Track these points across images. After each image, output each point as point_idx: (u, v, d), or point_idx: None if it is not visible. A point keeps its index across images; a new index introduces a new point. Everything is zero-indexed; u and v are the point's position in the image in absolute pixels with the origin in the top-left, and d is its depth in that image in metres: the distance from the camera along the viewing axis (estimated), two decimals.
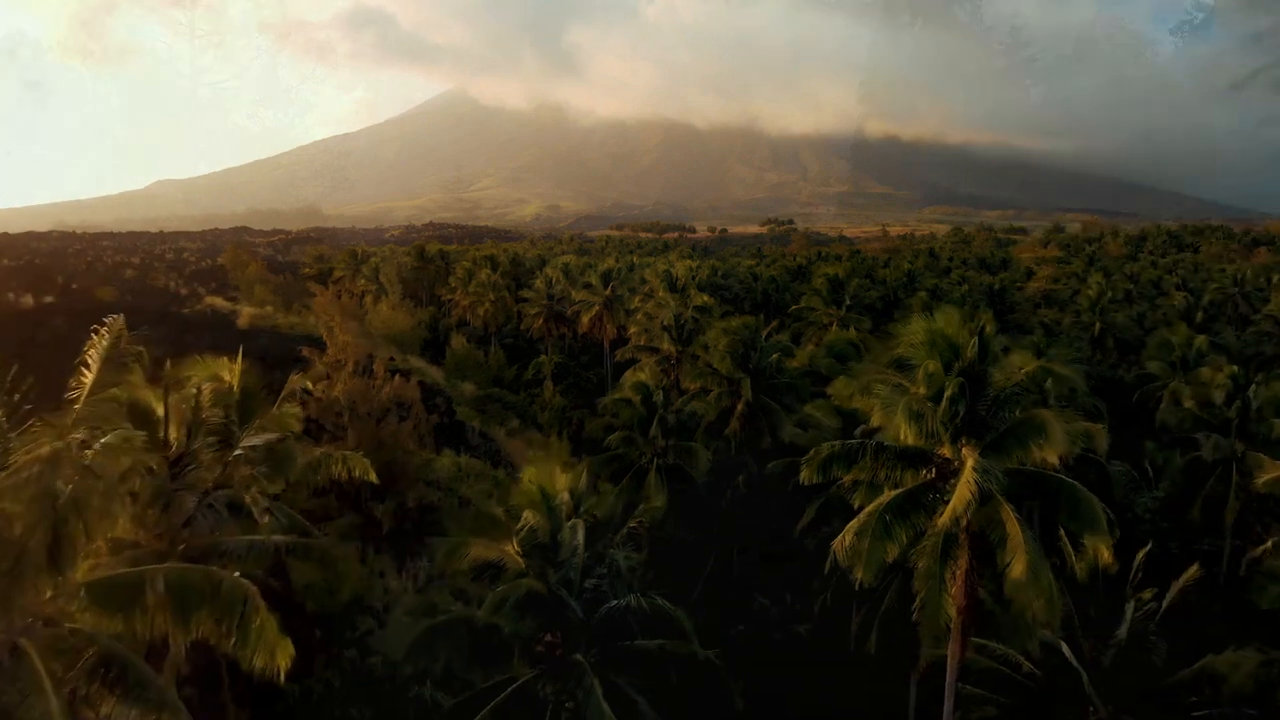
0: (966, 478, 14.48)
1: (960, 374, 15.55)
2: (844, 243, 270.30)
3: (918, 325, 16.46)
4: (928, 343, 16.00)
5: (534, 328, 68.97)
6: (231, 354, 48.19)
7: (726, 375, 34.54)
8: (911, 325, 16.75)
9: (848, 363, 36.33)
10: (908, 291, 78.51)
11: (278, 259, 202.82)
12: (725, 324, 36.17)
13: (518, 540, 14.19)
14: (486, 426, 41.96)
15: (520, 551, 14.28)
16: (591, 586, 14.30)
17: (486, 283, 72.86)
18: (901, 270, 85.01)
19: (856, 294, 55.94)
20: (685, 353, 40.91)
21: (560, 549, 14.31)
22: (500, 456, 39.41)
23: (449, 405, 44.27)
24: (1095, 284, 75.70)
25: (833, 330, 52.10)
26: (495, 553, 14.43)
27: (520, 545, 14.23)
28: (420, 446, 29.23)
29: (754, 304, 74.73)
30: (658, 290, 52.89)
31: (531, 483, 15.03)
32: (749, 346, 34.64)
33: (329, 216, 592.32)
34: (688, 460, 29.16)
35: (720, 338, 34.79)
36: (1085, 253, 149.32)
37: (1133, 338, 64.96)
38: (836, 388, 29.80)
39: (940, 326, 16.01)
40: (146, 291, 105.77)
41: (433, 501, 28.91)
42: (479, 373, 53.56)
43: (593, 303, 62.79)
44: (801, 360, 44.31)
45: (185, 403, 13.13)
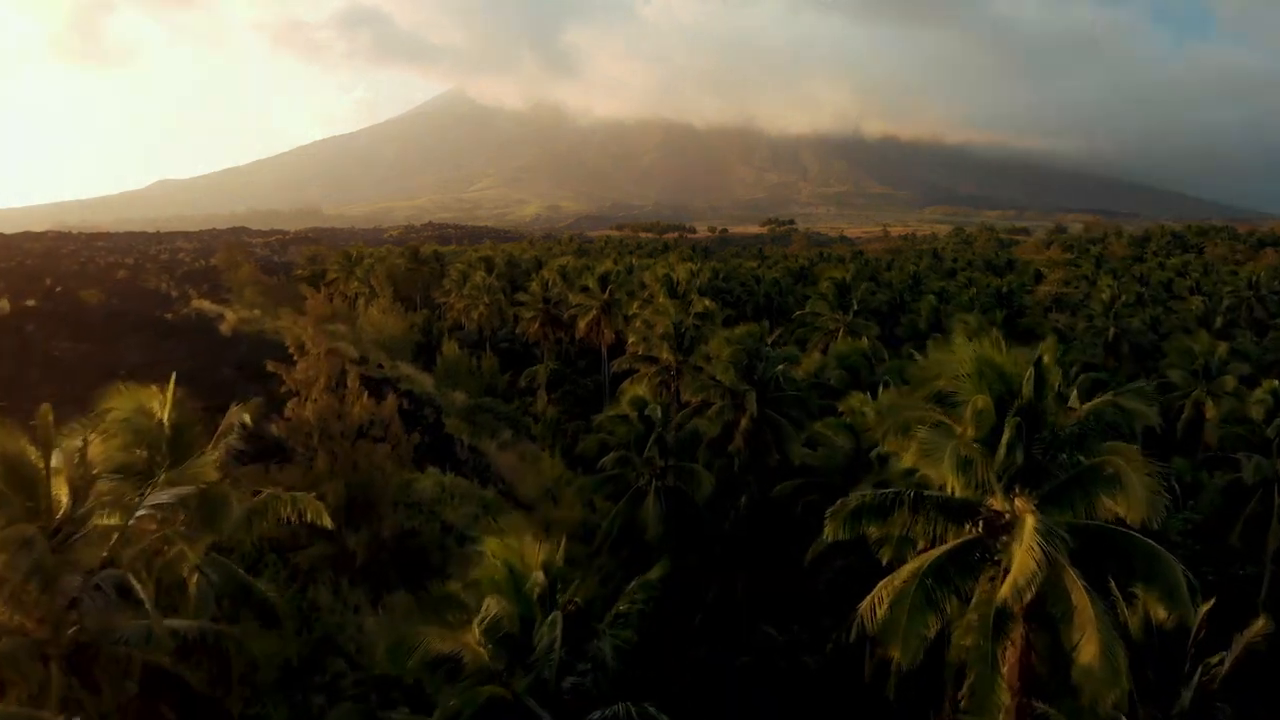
0: (1028, 542, 12.23)
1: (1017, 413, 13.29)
2: (845, 243, 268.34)
3: (963, 352, 14.19)
4: (975, 374, 13.75)
5: (530, 332, 66.90)
6: (210, 361, 45.63)
7: (730, 387, 32.43)
8: (956, 352, 14.49)
9: (859, 373, 34.23)
10: (914, 294, 76.46)
11: (274, 259, 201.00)
12: (729, 333, 34.07)
13: (480, 629, 12.01)
14: (476, 440, 39.86)
15: (483, 642, 12.09)
16: (570, 687, 12.04)
17: (481, 286, 70.78)
18: (907, 273, 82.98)
19: (864, 298, 53.85)
20: (686, 363, 38.80)
21: (532, 643, 12.07)
22: (490, 472, 37.34)
23: (438, 416, 42.21)
24: (1107, 287, 73.65)
25: (841, 338, 49.98)
26: (453, 644, 12.21)
27: (483, 636, 12.03)
28: (401, 466, 27.18)
29: (756, 307, 72.64)
30: (657, 296, 50.69)
31: (496, 558, 12.79)
32: (754, 357, 32.54)
33: (329, 217, 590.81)
34: (688, 482, 27.05)
35: (723, 347, 32.69)
36: (1092, 254, 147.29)
37: (1147, 343, 62.88)
38: (850, 404, 27.86)
39: (990, 354, 13.77)
40: (135, 294, 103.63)
41: (414, 526, 26.86)
42: (471, 381, 51.48)
43: (590, 307, 60.70)
44: (809, 369, 42.22)
45: (75, 456, 11.01)
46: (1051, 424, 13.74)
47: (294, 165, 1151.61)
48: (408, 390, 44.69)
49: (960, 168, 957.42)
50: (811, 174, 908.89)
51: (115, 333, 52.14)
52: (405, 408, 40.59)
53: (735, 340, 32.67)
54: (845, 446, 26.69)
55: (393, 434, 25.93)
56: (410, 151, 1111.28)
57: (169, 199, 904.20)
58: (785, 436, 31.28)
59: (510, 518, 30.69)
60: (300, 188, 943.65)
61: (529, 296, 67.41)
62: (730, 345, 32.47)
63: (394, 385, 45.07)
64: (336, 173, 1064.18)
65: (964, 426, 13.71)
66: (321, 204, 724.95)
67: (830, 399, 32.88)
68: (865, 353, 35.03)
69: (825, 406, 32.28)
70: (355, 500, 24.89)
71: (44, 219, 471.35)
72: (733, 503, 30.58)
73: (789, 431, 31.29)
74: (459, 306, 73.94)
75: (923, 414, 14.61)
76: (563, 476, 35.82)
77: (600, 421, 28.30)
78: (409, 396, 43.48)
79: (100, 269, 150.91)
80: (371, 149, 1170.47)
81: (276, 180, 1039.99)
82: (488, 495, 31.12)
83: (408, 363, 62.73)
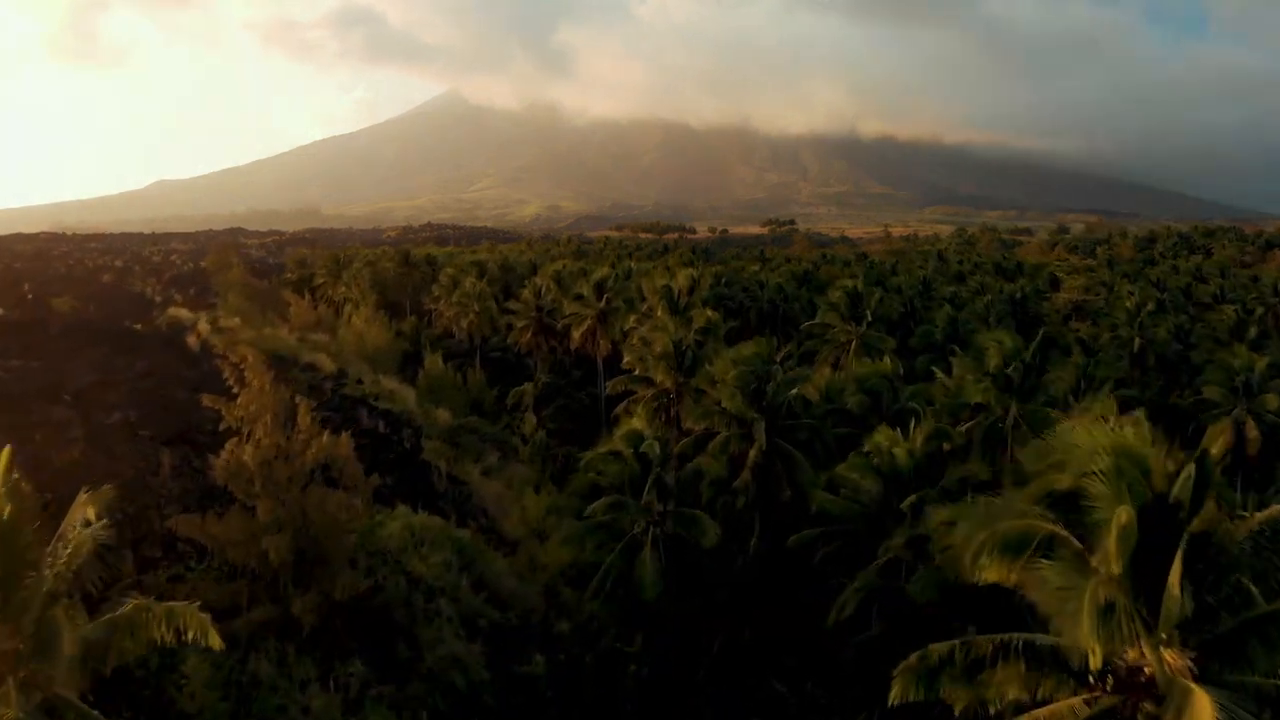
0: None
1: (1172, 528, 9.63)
2: (846, 244, 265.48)
3: (1091, 437, 10.39)
4: (1112, 472, 10.07)
5: (521, 342, 63.46)
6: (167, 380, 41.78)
7: (736, 415, 29.04)
8: (1076, 432, 10.77)
9: (880, 398, 30.70)
10: (924, 301, 73.07)
11: (268, 261, 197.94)
12: (735, 352, 30.66)
13: None
14: (458, 466, 36.43)
15: None
16: None
17: (471, 293, 67.30)
18: (916, 278, 79.49)
19: (877, 308, 50.45)
20: (687, 385, 35.32)
21: None
22: (471, 504, 33.92)
23: (417, 439, 38.76)
24: (1126, 292, 70.25)
25: (853, 352, 46.56)
26: None
27: None
28: (360, 512, 23.77)
29: (760, 314, 69.21)
30: (656, 308, 47.05)
31: None
32: (763, 380, 29.12)
33: (328, 217, 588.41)
34: (691, 529, 23.54)
35: (729, 369, 29.29)
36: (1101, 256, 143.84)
37: (1172, 354, 59.46)
38: (876, 441, 24.47)
39: (1130, 444, 10.10)
40: (114, 299, 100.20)
41: (377, 580, 23.52)
42: (456, 396, 48.06)
43: (585, 316, 57.31)
44: (820, 385, 38.81)
45: None
46: (1218, 543, 10.08)
47: (294, 165, 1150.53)
48: (384, 410, 41.29)
49: (960, 168, 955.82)
50: (811, 174, 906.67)
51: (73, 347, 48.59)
52: (380, 431, 37.22)
53: (742, 361, 29.26)
54: (872, 490, 23.29)
55: (349, 476, 22.55)
56: (410, 152, 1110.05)
57: (168, 199, 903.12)
58: (798, 470, 27.88)
59: (489, 561, 27.28)
60: (300, 188, 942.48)
61: (520, 305, 63.95)
62: (736, 367, 29.05)
63: (369, 404, 41.72)
64: (336, 173, 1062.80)
65: (1101, 554, 10.06)
66: (321, 204, 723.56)
67: (849, 426, 29.52)
68: (888, 375, 31.55)
69: (844, 436, 28.90)
70: (304, 555, 21.56)
71: (43, 219, 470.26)
72: (740, 544, 27.18)
73: (802, 464, 27.88)
74: (448, 314, 70.52)
75: (1033, 525, 10.89)
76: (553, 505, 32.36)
77: (590, 460, 24.85)
78: (385, 417, 40.10)
79: (87, 272, 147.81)
80: (371, 149, 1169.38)
81: (276, 180, 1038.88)
82: (464, 537, 27.67)
83: (392, 375, 59.31)
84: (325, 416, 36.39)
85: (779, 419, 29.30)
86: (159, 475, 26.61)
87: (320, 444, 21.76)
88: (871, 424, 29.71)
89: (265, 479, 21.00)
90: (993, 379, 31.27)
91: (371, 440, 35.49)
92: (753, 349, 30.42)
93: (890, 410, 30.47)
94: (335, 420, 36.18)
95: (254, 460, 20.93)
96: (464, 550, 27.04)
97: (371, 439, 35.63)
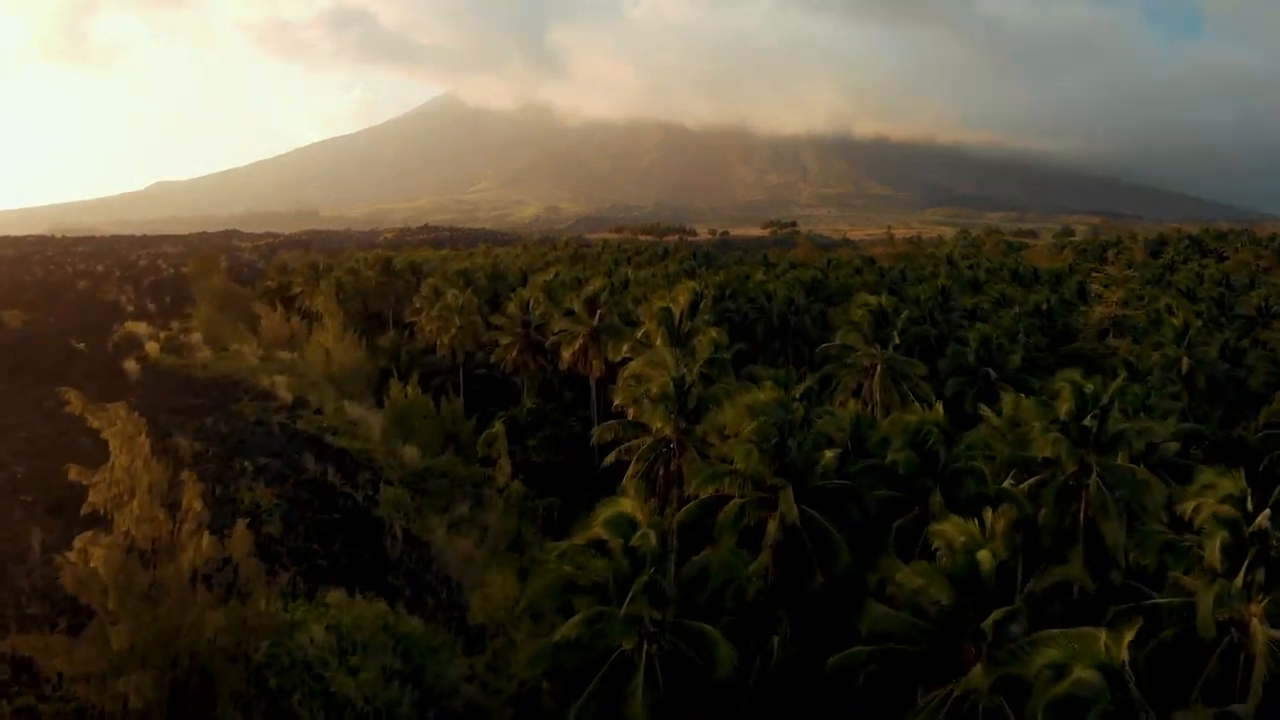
0: None
1: None
2: (849, 246, 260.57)
3: None
4: None
5: (507, 360, 57.98)
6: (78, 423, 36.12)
7: (752, 476, 23.59)
8: None
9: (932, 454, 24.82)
10: (944, 312, 67.56)
11: (258, 265, 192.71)
12: (750, 396, 25.13)
13: None
14: (419, 521, 30.95)
15: None
16: None
17: (454, 305, 61.76)
18: (935, 288, 73.98)
19: (905, 328, 44.77)
20: (690, 434, 29.79)
21: None
22: (432, 572, 28.48)
23: (375, 485, 33.27)
24: (1165, 305, 64.86)
25: (879, 378, 41.10)
26: None
27: None
28: (271, 614, 18.34)
29: (769, 330, 63.66)
30: (653, 335, 41.20)
31: None
32: (785, 431, 23.63)
33: (327, 218, 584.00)
34: (697, 649, 17.92)
35: (743, 420, 23.84)
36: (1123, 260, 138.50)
37: (1222, 375, 53.95)
38: (945, 534, 19.02)
39: None
40: (83, 308, 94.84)
41: (287, 707, 18.14)
42: (428, 428, 42.59)
43: (576, 334, 51.88)
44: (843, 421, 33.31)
45: None
46: None
47: (293, 166, 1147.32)
48: (339, 450, 35.83)
49: (960, 168, 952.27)
50: (811, 175, 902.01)
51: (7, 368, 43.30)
52: (327, 480, 31.73)
53: (759, 408, 23.73)
54: (941, 601, 17.83)
55: (245, 579, 17.04)
56: (409, 153, 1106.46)
57: (168, 201, 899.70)
58: (833, 549, 22.41)
59: (443, 664, 21.78)
60: (299, 189, 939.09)
61: (506, 319, 58.44)
62: (754, 418, 23.54)
63: (322, 442, 36.26)
64: (336, 174, 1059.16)
65: None
66: (320, 206, 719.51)
67: (893, 487, 24.09)
68: (941, 427, 25.76)
69: (889, 502, 23.46)
70: (181, 691, 16.20)
71: (43, 221, 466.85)
72: (761, 643, 21.70)
73: (839, 544, 22.41)
74: (428, 328, 65.02)
75: None
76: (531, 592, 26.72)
77: (564, 550, 19.14)
78: (339, 460, 34.63)
79: (66, 277, 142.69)
80: (371, 150, 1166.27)
81: (276, 181, 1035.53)
82: (413, 630, 22.21)
83: (367, 396, 53.94)
84: (262, 465, 31.00)
85: (807, 480, 23.79)
86: (25, 561, 21.19)
87: (201, 547, 16.20)
88: (922, 486, 24.30)
89: (124, 592, 15.58)
90: (1063, 428, 25.94)
91: (315, 493, 30.06)
92: (771, 393, 24.79)
93: (946, 470, 25.03)
94: (274, 469, 30.79)
95: (107, 566, 15.45)
96: (411, 650, 21.55)
97: (316, 491, 30.20)
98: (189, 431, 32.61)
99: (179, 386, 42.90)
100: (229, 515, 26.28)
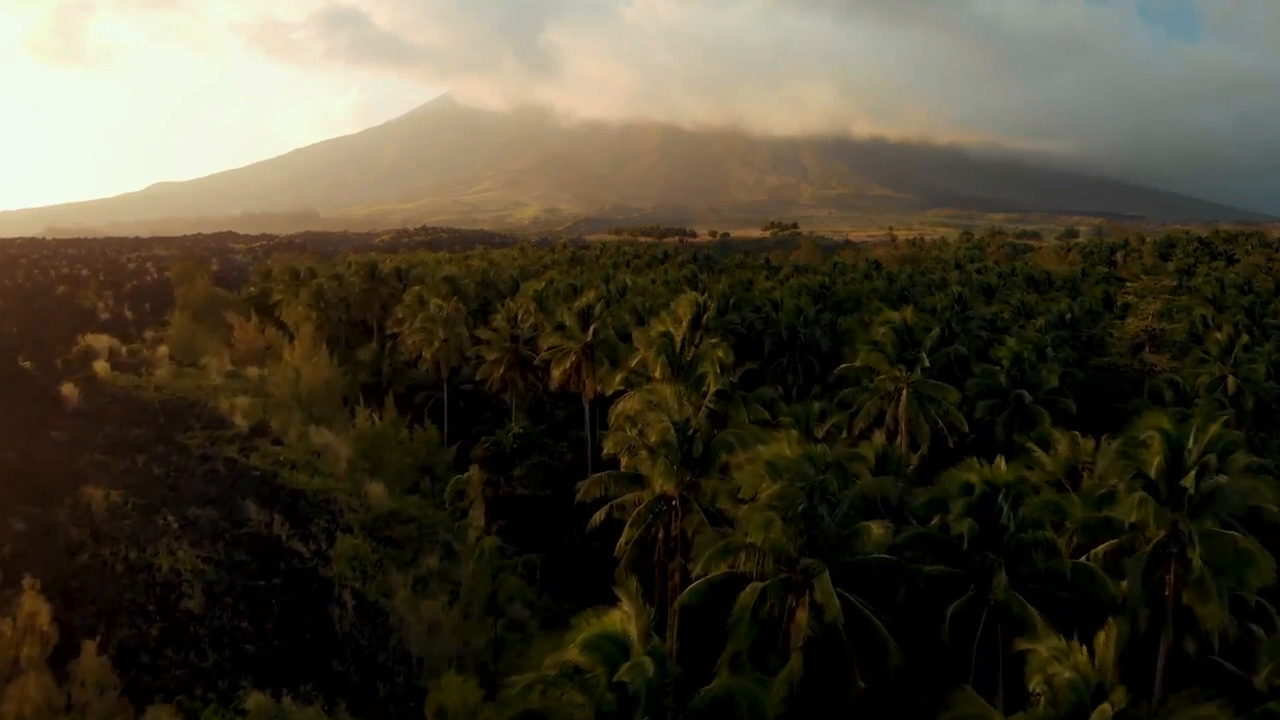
0: None
1: None
2: (851, 248, 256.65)
3: None
4: None
5: (493, 379, 53.54)
6: None
7: (774, 551, 19.10)
8: None
9: (993, 517, 20.22)
10: (961, 322, 63.19)
11: (251, 268, 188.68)
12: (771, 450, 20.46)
13: None
14: (377, 582, 26.60)
15: None
16: None
17: (437, 317, 57.30)
18: (951, 296, 69.65)
19: (934, 347, 40.11)
20: (696, 488, 25.08)
21: None
22: (388, 645, 24.18)
23: (330, 534, 28.87)
24: (1200, 317, 60.48)
25: (905, 403, 36.73)
26: None
27: None
28: None
29: (776, 343, 59.23)
30: (651, 364, 36.07)
31: None
32: (814, 496, 19.12)
33: (326, 220, 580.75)
34: None
35: (763, 480, 19.32)
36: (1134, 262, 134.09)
37: (1270, 395, 49.60)
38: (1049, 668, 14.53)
39: None
40: (54, 317, 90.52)
41: None
42: (399, 457, 38.21)
43: (568, 350, 47.49)
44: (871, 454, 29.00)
45: None
46: None
47: (292, 167, 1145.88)
48: (293, 491, 31.43)
49: (959, 169, 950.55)
50: (812, 176, 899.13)
51: None
52: (270, 535, 27.32)
53: (785, 468, 19.21)
54: None
55: None
56: (409, 154, 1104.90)
57: (167, 201, 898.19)
58: (878, 646, 17.98)
59: None
60: (298, 190, 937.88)
61: (493, 334, 53.99)
62: (777, 478, 19.02)
63: (273, 484, 31.84)
64: (334, 175, 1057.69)
65: None
66: (319, 207, 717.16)
67: (948, 561, 19.71)
68: (1011, 486, 20.95)
69: (942, 579, 19.09)
70: None
71: (41, 222, 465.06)
72: None
73: (887, 643, 17.98)
74: (409, 341, 60.58)
75: None
76: None
77: (533, 681, 14.69)
78: (291, 504, 30.24)
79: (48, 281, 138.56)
80: (370, 151, 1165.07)
81: (275, 182, 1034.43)
82: None
83: (336, 421, 49.49)
84: (192, 517, 26.61)
85: (842, 555, 19.26)
86: None
87: (29, 692, 11.84)
88: (983, 563, 19.87)
89: None
90: (1148, 486, 21.51)
91: (254, 552, 25.66)
92: (795, 447, 20.21)
93: (1009, 542, 20.57)
94: (206, 523, 26.41)
95: None
96: None
97: (255, 549, 25.80)
98: (114, 475, 28.25)
99: (123, 413, 38.48)
100: (141, 587, 22.04)
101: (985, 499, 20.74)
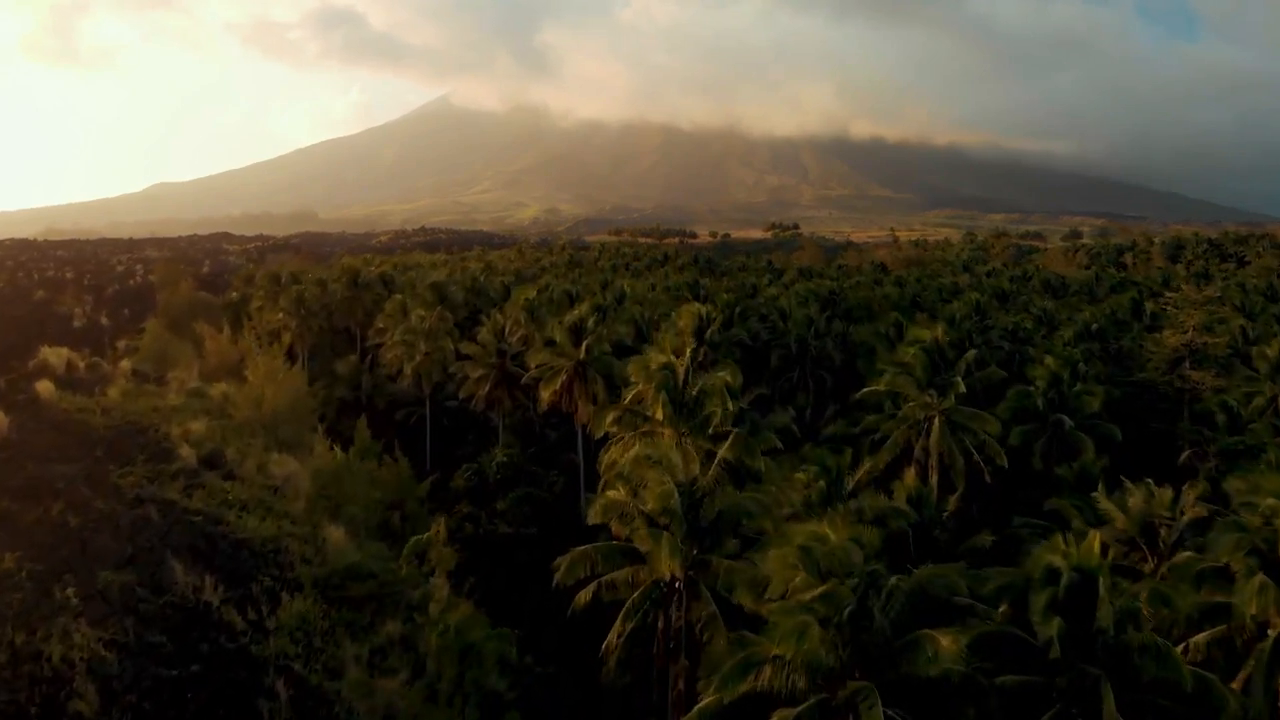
0: None
1: None
2: (853, 248, 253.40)
3: None
4: None
5: (479, 397, 49.42)
6: None
7: (809, 667, 14.73)
8: None
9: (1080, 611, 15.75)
10: (981, 333, 59.07)
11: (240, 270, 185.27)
12: (805, 531, 15.87)
13: None
14: (325, 656, 22.53)
15: None
16: None
17: (419, 329, 53.16)
18: (969, 304, 65.50)
19: (969, 370, 35.68)
20: (706, 567, 20.38)
21: None
22: None
23: (274, 598, 24.74)
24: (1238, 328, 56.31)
25: (937, 433, 32.61)
26: None
27: None
28: None
29: (786, 356, 55.06)
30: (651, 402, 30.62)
31: None
32: (865, 594, 14.53)
33: (325, 220, 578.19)
34: None
35: (794, 575, 14.91)
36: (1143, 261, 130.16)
37: None
38: None
39: None
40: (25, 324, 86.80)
41: None
42: (368, 492, 34.15)
43: (558, 369, 43.37)
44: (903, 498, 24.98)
45: None
46: None
47: (292, 168, 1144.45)
48: (235, 543, 27.24)
49: (959, 169, 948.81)
50: (812, 176, 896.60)
51: None
52: (198, 601, 23.13)
53: (823, 557, 14.74)
54: None
55: None
56: (409, 154, 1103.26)
57: (166, 202, 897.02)
58: None
59: None
60: (298, 191, 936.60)
61: (478, 349, 49.85)
62: (812, 570, 14.61)
63: (211, 531, 27.64)
64: (334, 176, 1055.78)
65: None
66: (318, 208, 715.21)
67: (1029, 669, 15.47)
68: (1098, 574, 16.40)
69: (1019, 695, 14.92)
70: None
71: (40, 223, 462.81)
72: None
73: None
74: (389, 355, 56.46)
75: None
76: None
77: None
78: (232, 559, 26.05)
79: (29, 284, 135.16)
80: (370, 152, 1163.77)
81: (275, 183, 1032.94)
82: None
83: (306, 445, 45.37)
84: (101, 586, 22.43)
85: (897, 669, 14.95)
86: None
87: None
88: (1080, 677, 15.63)
89: None
90: (1268, 567, 17.41)
91: (172, 629, 21.50)
92: (846, 530, 15.60)
93: (1109, 644, 16.22)
94: (118, 591, 22.23)
95: None
96: None
97: (173, 626, 21.63)
98: (17, 530, 24.01)
99: (55, 445, 34.22)
100: (25, 683, 17.88)
101: (1074, 590, 16.44)
